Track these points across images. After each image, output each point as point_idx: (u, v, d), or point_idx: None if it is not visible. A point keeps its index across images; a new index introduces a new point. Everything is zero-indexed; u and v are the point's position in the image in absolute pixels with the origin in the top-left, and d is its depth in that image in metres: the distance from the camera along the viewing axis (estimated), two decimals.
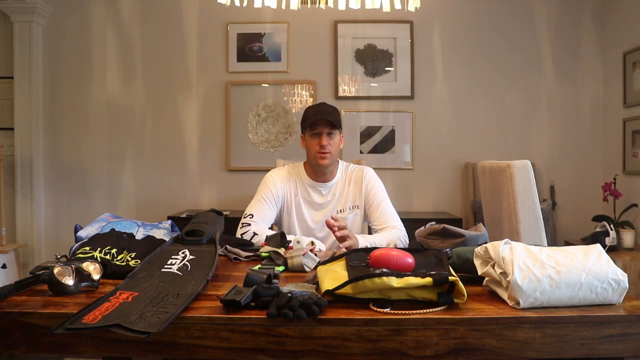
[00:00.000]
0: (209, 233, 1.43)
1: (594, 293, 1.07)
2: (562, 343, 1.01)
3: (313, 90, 3.84)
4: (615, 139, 3.66)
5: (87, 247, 1.42)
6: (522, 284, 1.05)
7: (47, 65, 3.85)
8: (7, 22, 3.75)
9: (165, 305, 1.04)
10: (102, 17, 3.85)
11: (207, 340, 1.01)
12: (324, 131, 2.04)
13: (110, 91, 3.87)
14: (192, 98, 3.87)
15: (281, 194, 2.13)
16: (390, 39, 3.83)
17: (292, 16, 3.70)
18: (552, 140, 3.83)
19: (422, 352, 1.00)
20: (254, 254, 1.65)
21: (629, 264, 2.98)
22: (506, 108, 3.84)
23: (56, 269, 1.16)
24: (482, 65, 3.83)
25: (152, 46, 3.86)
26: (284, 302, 1.01)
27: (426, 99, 3.84)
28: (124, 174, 3.88)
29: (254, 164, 3.82)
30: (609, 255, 1.13)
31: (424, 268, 1.20)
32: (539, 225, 2.05)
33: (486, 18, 3.82)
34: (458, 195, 3.86)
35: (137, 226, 1.69)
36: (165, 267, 1.25)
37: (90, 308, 1.03)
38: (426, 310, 1.03)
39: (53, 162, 3.87)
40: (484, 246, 1.20)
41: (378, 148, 3.84)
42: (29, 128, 3.74)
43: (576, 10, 3.81)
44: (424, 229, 1.70)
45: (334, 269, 1.23)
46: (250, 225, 1.98)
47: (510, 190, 2.07)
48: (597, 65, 3.82)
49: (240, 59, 3.85)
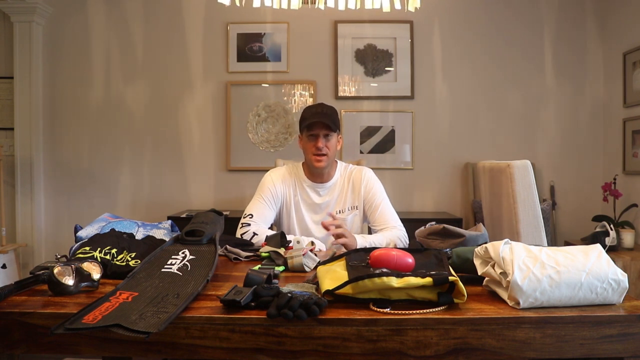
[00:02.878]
0: (209, 233, 1.43)
1: (594, 293, 1.07)
2: (562, 343, 1.01)
3: (313, 90, 3.84)
4: (615, 139, 3.66)
5: (87, 247, 1.42)
6: (522, 284, 1.05)
7: (47, 65, 3.85)
8: (7, 22, 3.75)
9: (165, 305, 1.05)
10: (102, 17, 3.86)
11: (207, 340, 1.01)
12: (321, 133, 2.03)
13: (110, 91, 3.87)
14: (192, 98, 3.87)
15: (280, 194, 2.13)
16: (390, 39, 3.83)
17: (292, 16, 3.70)
18: (552, 140, 3.83)
19: (422, 352, 1.00)
20: (254, 254, 1.65)
21: (629, 264, 2.98)
22: (506, 108, 3.84)
23: (56, 269, 1.16)
24: (482, 65, 3.83)
25: (152, 46, 3.86)
26: (284, 302, 1.01)
27: (426, 99, 3.84)
28: (124, 174, 3.88)
29: (254, 164, 3.82)
30: (609, 255, 1.13)
31: (424, 268, 1.20)
32: (539, 225, 2.05)
33: (486, 18, 3.82)
34: (458, 195, 3.86)
35: (137, 226, 1.69)
36: (165, 267, 1.25)
37: (90, 308, 1.03)
38: (426, 310, 1.03)
39: (53, 162, 3.87)
40: (484, 246, 1.20)
41: (378, 148, 3.84)
42: (29, 128, 3.74)
43: (576, 10, 3.81)
44: (424, 229, 1.70)
45: (334, 269, 1.23)
46: (250, 225, 1.98)
47: (510, 190, 2.07)
48: (597, 65, 3.82)
49: (240, 59, 3.85)
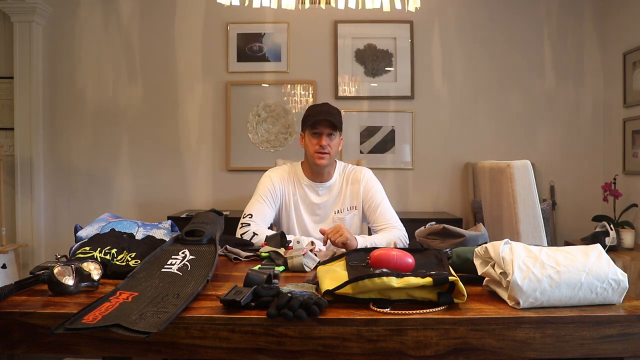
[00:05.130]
0: (209, 233, 1.43)
1: (594, 293, 1.07)
2: (562, 343, 1.01)
3: (313, 90, 3.84)
4: (615, 139, 3.66)
5: (87, 247, 1.42)
6: (522, 284, 1.05)
7: (47, 65, 3.84)
8: (7, 22, 3.75)
9: (165, 305, 1.04)
10: (102, 17, 3.85)
11: (207, 340, 1.01)
12: (325, 131, 2.04)
13: (111, 91, 3.87)
14: (192, 98, 3.87)
15: (279, 194, 2.13)
16: (390, 39, 3.83)
17: (292, 16, 3.70)
18: (552, 140, 3.83)
19: (422, 352, 1.00)
20: (254, 254, 1.65)
21: (629, 264, 2.98)
22: (506, 108, 3.83)
23: (56, 269, 1.16)
24: (482, 65, 3.82)
25: (152, 46, 3.86)
26: (284, 302, 1.01)
27: (426, 99, 3.84)
28: (124, 174, 3.88)
29: (254, 164, 3.82)
30: (609, 255, 1.13)
31: (424, 268, 1.20)
32: (539, 225, 2.05)
33: (486, 18, 3.82)
34: (458, 195, 3.86)
35: (137, 226, 1.69)
36: (165, 267, 1.25)
37: (90, 308, 1.03)
38: (426, 310, 1.03)
39: (53, 162, 3.87)
40: (484, 246, 1.20)
41: (378, 148, 3.84)
42: (29, 128, 3.74)
43: (576, 10, 3.81)
44: (424, 229, 1.70)
45: (334, 269, 1.23)
46: (250, 225, 1.98)
47: (510, 190, 2.07)
48: (597, 65, 3.82)
49: (240, 59, 3.84)
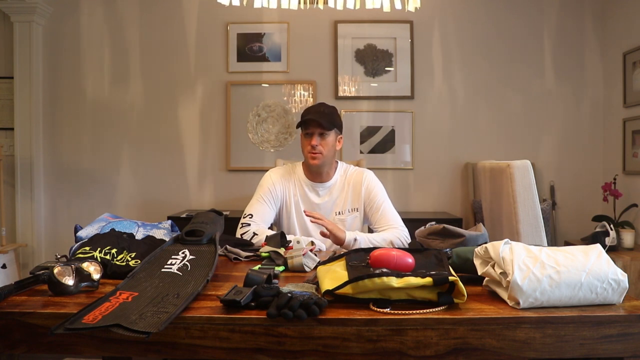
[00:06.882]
0: (209, 233, 1.43)
1: (594, 293, 1.07)
2: (562, 343, 1.01)
3: (313, 90, 3.84)
4: (615, 139, 3.66)
5: (87, 247, 1.42)
6: (522, 284, 1.05)
7: (47, 65, 3.84)
8: (7, 22, 3.75)
9: (165, 305, 1.04)
10: (102, 17, 3.85)
11: (207, 340, 1.01)
12: (315, 132, 2.04)
13: (110, 91, 3.87)
14: (192, 98, 3.87)
15: (280, 194, 2.13)
16: (390, 39, 3.83)
17: (292, 16, 3.70)
18: (552, 140, 3.83)
19: (422, 352, 1.00)
20: (254, 254, 1.65)
21: (629, 264, 2.98)
22: (506, 108, 3.83)
23: (56, 269, 1.16)
24: (482, 65, 3.82)
25: (152, 46, 3.86)
26: (284, 302, 1.01)
27: (426, 99, 3.84)
28: (124, 174, 3.88)
29: (254, 164, 3.82)
30: (609, 255, 1.13)
31: (424, 268, 1.20)
32: (539, 225, 2.05)
33: (486, 18, 3.82)
34: (458, 195, 3.86)
35: (137, 226, 1.69)
36: (165, 267, 1.25)
37: (90, 308, 1.03)
38: (426, 310, 1.03)
39: (53, 162, 3.87)
40: (484, 246, 1.20)
41: (378, 148, 3.84)
42: (29, 128, 3.74)
43: (576, 11, 3.81)
44: (424, 229, 1.70)
45: (334, 269, 1.23)
46: (250, 225, 1.98)
47: (510, 190, 2.07)
48: (597, 65, 3.82)
49: (240, 59, 3.84)
